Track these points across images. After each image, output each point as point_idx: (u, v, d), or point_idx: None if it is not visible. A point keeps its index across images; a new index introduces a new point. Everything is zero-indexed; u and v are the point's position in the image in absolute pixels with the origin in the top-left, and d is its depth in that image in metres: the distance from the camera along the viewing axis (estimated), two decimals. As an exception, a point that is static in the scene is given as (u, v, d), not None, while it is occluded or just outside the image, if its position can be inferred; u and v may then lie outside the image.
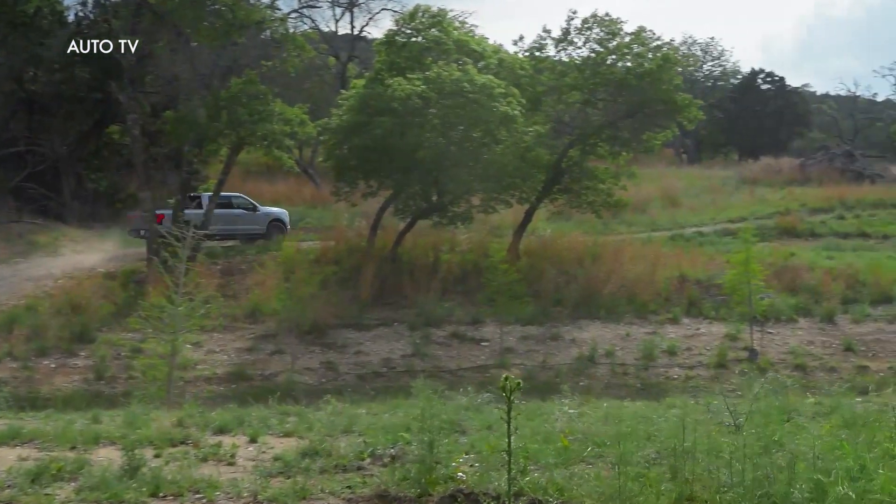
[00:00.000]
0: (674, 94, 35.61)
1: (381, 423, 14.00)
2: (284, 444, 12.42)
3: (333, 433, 12.80)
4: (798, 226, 44.90)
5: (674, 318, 32.02)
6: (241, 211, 40.39)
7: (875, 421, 11.92)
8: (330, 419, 14.20)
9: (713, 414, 12.31)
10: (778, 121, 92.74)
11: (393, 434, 11.97)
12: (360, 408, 17.13)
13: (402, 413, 14.86)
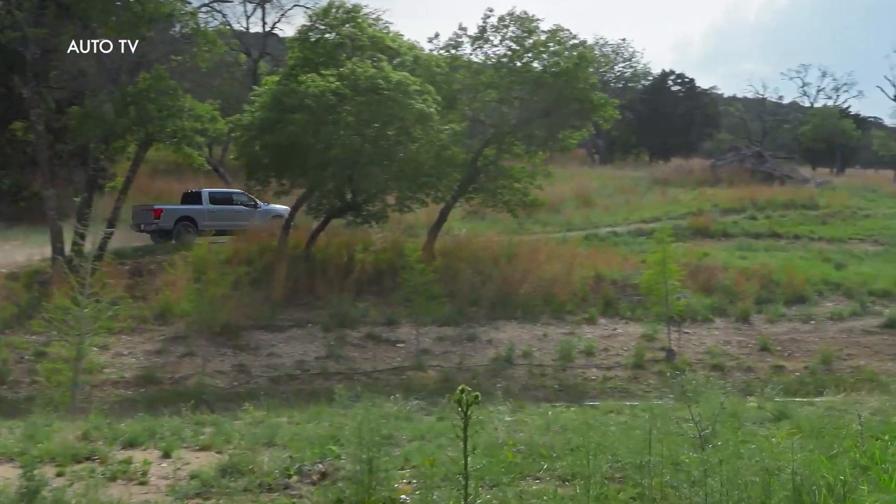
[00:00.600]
0: (590, 92, 35.50)
1: (305, 433, 13.23)
2: (201, 459, 11.70)
3: (255, 446, 12.01)
4: (711, 226, 45.19)
5: (590, 318, 31.85)
6: (242, 207, 39.77)
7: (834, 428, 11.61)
8: (249, 430, 13.42)
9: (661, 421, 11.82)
10: (688, 122, 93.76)
11: (320, 447, 11.24)
12: (280, 415, 16.33)
13: (326, 423, 14.12)
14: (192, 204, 39.17)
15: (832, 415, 14.05)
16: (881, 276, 35.92)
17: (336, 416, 13.41)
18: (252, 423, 14.09)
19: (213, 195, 39.60)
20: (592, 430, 12.37)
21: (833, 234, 44.97)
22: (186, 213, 38.36)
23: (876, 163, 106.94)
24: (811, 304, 33.45)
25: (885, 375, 27.86)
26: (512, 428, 13.73)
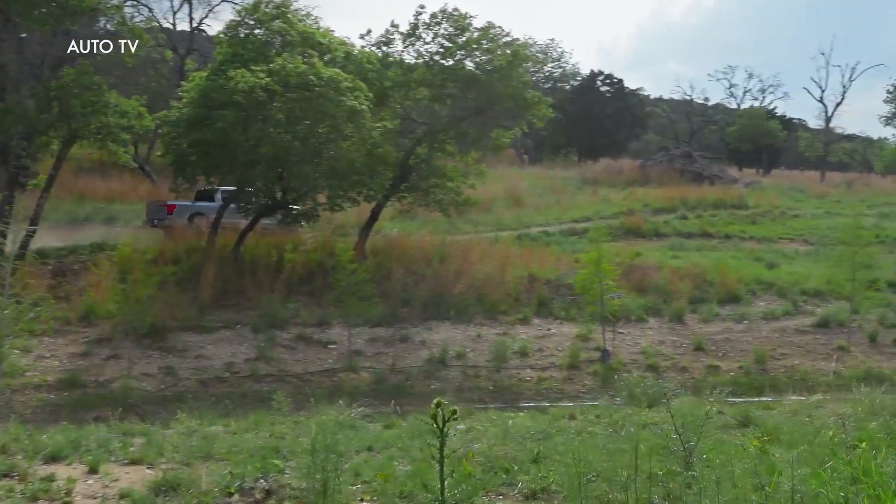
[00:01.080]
0: (523, 90, 35.18)
1: (244, 444, 12.40)
2: (131, 475, 10.91)
3: (190, 460, 11.16)
4: (642, 225, 45.18)
5: (524, 318, 31.56)
6: None
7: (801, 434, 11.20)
8: (183, 441, 12.48)
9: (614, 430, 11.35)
10: (616, 122, 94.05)
11: (262, 460, 10.45)
12: (215, 424, 15.54)
13: (266, 432, 13.36)
14: (206, 201, 38.60)
15: (798, 420, 13.71)
16: (812, 276, 36.07)
17: (276, 423, 12.81)
18: (185, 433, 13.21)
19: (225, 193, 37.50)
20: (552, 440, 11.87)
21: (763, 234, 45.20)
22: (199, 210, 38.36)
23: (800, 164, 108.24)
24: (744, 303, 33.51)
25: (821, 374, 27.99)
26: (466, 437, 13.14)
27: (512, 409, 25.75)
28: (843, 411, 14.67)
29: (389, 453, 10.10)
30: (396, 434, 10.86)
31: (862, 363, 28.95)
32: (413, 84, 35.64)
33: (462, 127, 35.84)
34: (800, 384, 27.70)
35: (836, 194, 62.29)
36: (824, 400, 16.53)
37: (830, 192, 63.86)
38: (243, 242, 33.99)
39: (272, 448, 11.03)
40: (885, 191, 64.76)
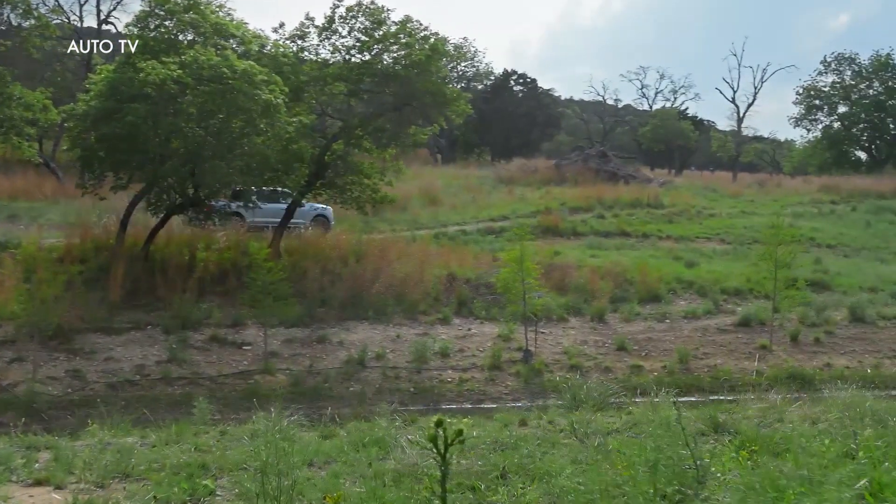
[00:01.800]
0: (442, 86, 34.58)
1: (166, 460, 10.97)
2: (36, 499, 9.54)
3: (105, 479, 9.81)
4: (560, 224, 44.77)
5: (444, 318, 30.91)
6: (285, 206, 38.58)
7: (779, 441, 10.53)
8: (96, 456, 10.95)
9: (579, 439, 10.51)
10: (530, 122, 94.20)
11: (189, 479, 9.22)
12: (130, 434, 14.23)
13: (190, 445, 11.98)
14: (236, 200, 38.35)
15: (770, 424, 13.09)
16: (732, 275, 35.99)
17: (199, 433, 11.82)
18: (98, 447, 11.68)
19: (260, 193, 37.92)
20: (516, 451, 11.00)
21: (680, 233, 45.09)
22: (237, 211, 38.31)
23: (710, 164, 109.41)
24: (665, 302, 33.26)
25: (744, 374, 27.74)
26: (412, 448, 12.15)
27: (433, 411, 25.21)
28: (813, 414, 14.13)
29: (333, 469, 9.03)
30: (337, 446, 9.98)
31: (784, 362, 28.77)
32: (329, 79, 34.76)
33: (379, 123, 35.06)
34: (723, 384, 27.47)
35: (750, 194, 62.64)
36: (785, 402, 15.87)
37: (743, 191, 64.21)
38: (153, 241, 32.82)
39: (199, 464, 9.83)
40: (796, 191, 65.23)
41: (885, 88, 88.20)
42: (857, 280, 36.71)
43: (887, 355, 29.83)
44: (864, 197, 59.73)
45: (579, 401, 15.69)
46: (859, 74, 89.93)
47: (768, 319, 31.24)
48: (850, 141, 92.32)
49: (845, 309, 32.86)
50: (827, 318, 31.98)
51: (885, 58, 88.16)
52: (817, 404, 15.99)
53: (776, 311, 30.93)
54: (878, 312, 32.78)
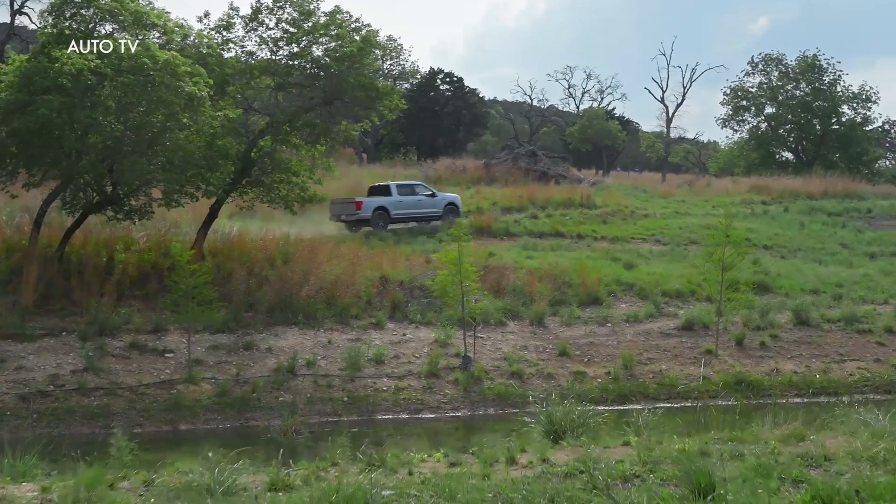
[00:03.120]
0: (374, 79, 33.21)
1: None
2: None
3: None
4: (493, 225, 43.61)
5: (378, 322, 29.49)
6: (423, 197, 46.33)
7: None
8: None
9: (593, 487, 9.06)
10: (456, 121, 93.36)
11: None
12: (26, 477, 11.91)
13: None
14: (382, 196, 45.07)
15: (819, 464, 11.76)
16: (672, 276, 35.09)
17: (115, 484, 9.91)
18: None
19: (399, 187, 46.31)
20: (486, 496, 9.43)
21: (615, 234, 44.20)
22: (381, 204, 44.15)
23: (636, 164, 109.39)
24: (606, 305, 32.20)
25: (691, 380, 26.81)
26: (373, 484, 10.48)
27: (369, 422, 23.89)
28: (858, 449, 12.85)
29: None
30: (295, 502, 8.20)
31: (731, 368, 27.84)
32: (255, 72, 33.21)
33: (308, 118, 33.54)
34: (670, 390, 26.48)
35: (680, 194, 62.20)
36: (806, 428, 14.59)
37: (674, 192, 63.77)
38: (69, 241, 30.97)
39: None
40: (726, 191, 64.94)
41: (811, 89, 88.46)
42: (797, 282, 36.00)
43: (834, 360, 29.09)
44: (795, 197, 59.59)
45: (556, 423, 14.33)
46: (786, 75, 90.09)
47: (712, 323, 30.39)
48: (776, 142, 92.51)
49: (789, 312, 32.08)
50: (771, 322, 31.15)
51: (811, 59, 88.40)
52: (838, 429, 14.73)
53: (719, 315, 30.04)
54: (823, 315, 32.06)
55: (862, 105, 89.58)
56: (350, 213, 43.42)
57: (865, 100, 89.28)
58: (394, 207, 44.31)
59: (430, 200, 46.30)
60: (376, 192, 45.86)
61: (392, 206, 44.30)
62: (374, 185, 47.31)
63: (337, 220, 44.05)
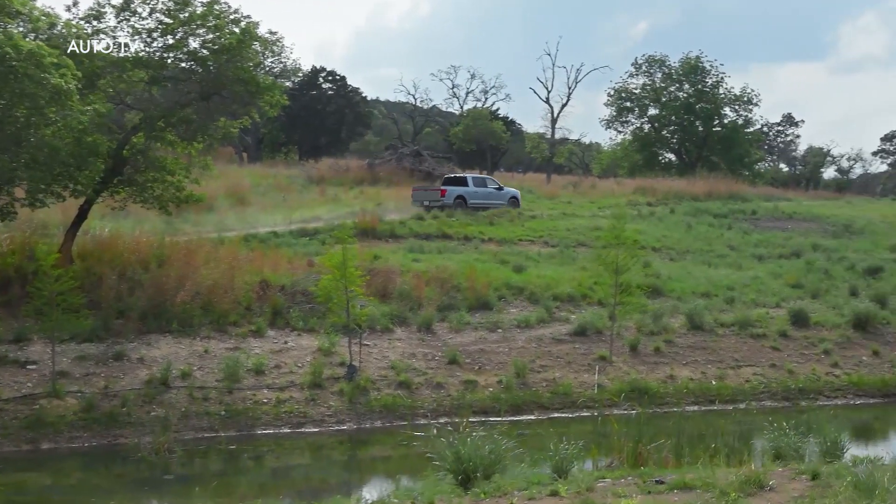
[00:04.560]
0: (255, 73, 31.58)
1: None
2: None
3: None
4: (378, 226, 42.15)
5: (258, 330, 27.88)
6: (492, 189, 53.11)
7: None
8: None
9: None
10: (339, 120, 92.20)
11: None
12: None
13: None
14: (461, 186, 51.81)
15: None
16: (562, 280, 34.23)
17: None
18: None
19: (474, 179, 53.94)
20: None
21: (503, 235, 43.21)
22: (461, 193, 50.75)
23: (519, 165, 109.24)
24: (496, 310, 31.09)
25: (585, 388, 25.92)
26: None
27: (248, 437, 22.49)
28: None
29: None
30: None
31: (626, 374, 27.14)
32: (128, 64, 31.28)
33: (185, 114, 31.71)
34: (564, 399, 25.54)
35: (566, 195, 61.91)
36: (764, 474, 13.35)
37: (560, 193, 63.43)
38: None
39: None
40: (611, 192, 64.89)
41: (694, 91, 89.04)
42: (689, 285, 35.50)
43: (730, 365, 28.60)
44: (680, 199, 59.76)
45: (465, 461, 13.02)
46: (669, 77, 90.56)
47: (606, 328, 29.62)
48: (660, 143, 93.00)
49: (683, 316, 31.51)
50: (665, 326, 30.50)
51: (694, 61, 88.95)
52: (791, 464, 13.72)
53: (611, 319, 29.25)
54: (716, 319, 31.55)
55: (743, 107, 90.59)
56: (434, 200, 49.91)
57: (747, 102, 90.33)
58: (470, 197, 50.87)
59: (498, 193, 52.83)
60: (454, 183, 52.55)
61: (469, 195, 50.89)
62: (450, 176, 55.56)
63: (420, 205, 49.98)
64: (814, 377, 28.25)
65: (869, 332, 31.71)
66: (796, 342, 30.64)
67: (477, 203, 50.33)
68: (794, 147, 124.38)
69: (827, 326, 31.83)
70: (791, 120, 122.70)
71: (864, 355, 30.15)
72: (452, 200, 49.81)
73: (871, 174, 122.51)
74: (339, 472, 22.07)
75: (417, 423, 23.53)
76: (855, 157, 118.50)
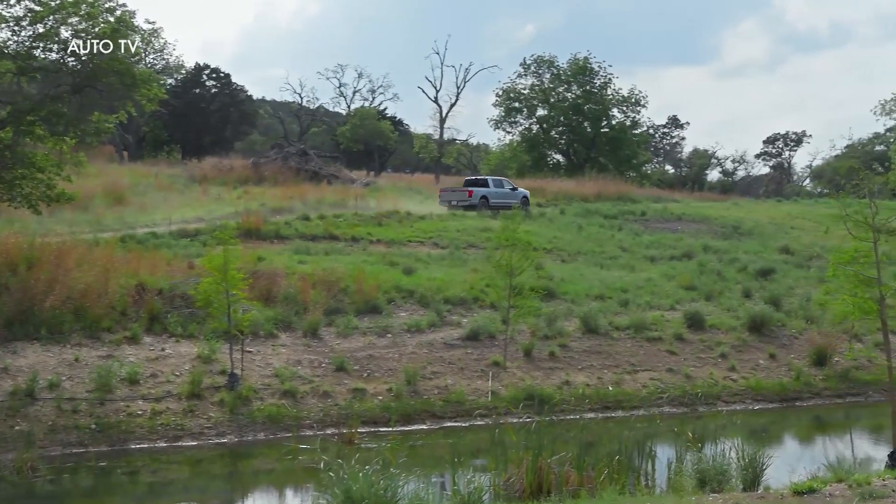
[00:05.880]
0: (132, 65, 29.98)
1: None
2: None
3: None
4: (262, 227, 40.65)
5: (133, 336, 26.17)
6: (508, 190, 57.45)
7: None
8: None
9: None
10: (223, 119, 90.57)
11: None
12: None
13: None
14: (483, 187, 56.34)
15: None
16: (453, 282, 33.18)
17: None
18: None
19: (494, 181, 58.64)
20: None
21: (392, 237, 42.10)
22: (484, 194, 55.15)
23: (407, 166, 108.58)
24: (385, 314, 29.88)
25: (479, 396, 24.92)
26: None
27: (121, 452, 20.96)
28: None
29: None
30: None
31: (521, 381, 26.10)
32: (-6, 54, 29.54)
33: (56, 107, 30.00)
34: (457, 407, 24.48)
35: (455, 196, 60.95)
36: None
37: (449, 194, 62.49)
38: None
39: None
40: (501, 193, 64.16)
41: (582, 92, 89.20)
42: (582, 287, 34.76)
43: (626, 370, 27.80)
44: (570, 200, 59.72)
45: (356, 500, 11.74)
46: (558, 77, 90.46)
47: (499, 332, 28.63)
48: (548, 144, 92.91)
49: (577, 319, 30.67)
50: (560, 330, 29.61)
51: (582, 61, 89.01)
52: None
53: (504, 323, 28.31)
54: (611, 322, 30.80)
55: (631, 108, 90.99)
56: (462, 199, 54.43)
57: (635, 103, 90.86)
58: (492, 197, 55.16)
59: (512, 193, 56.88)
60: (477, 185, 57.28)
61: (491, 195, 55.27)
62: (471, 179, 61.38)
63: (448, 205, 54.34)
64: (712, 382, 27.62)
65: (765, 335, 31.33)
66: (693, 346, 30.08)
67: (497, 202, 53.95)
68: (679, 149, 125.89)
69: (723, 329, 31.38)
70: (676, 122, 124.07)
71: (760, 359, 29.70)
72: (478, 200, 54.21)
73: (753, 176, 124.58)
74: (221, 486, 20.70)
75: (303, 435, 22.27)
76: (739, 160, 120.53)
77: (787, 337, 31.64)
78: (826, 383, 28.62)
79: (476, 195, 54.53)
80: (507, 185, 58.87)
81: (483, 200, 54.24)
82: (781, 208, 66.12)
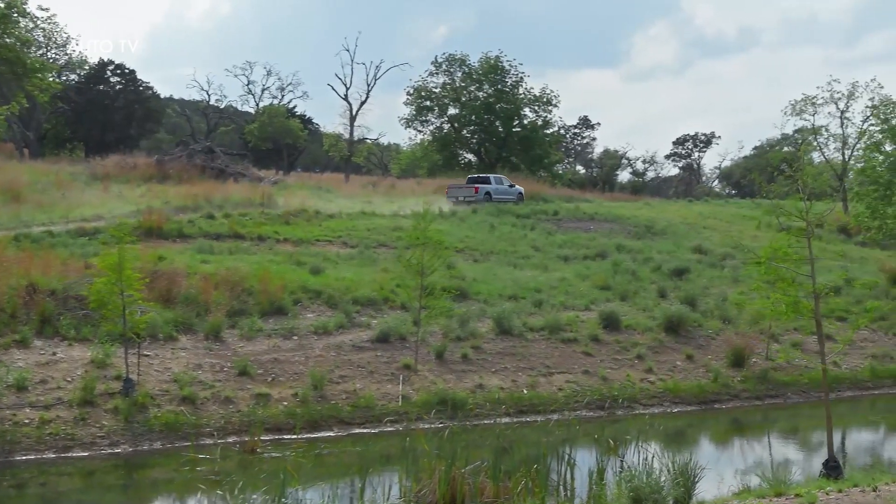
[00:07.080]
0: (22, 52, 28.53)
1: None
2: None
3: None
4: (164, 225, 39.12)
5: (23, 339, 24.64)
6: (507, 186, 62.67)
7: None
8: None
9: None
10: (128, 116, 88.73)
11: None
12: None
13: None
14: (487, 184, 61.66)
15: None
16: (362, 282, 32.12)
17: None
18: None
19: (495, 178, 64.14)
20: None
21: (299, 236, 40.84)
22: (488, 190, 60.38)
23: (317, 165, 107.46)
24: (291, 315, 28.71)
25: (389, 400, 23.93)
26: None
27: (5, 464, 19.60)
28: None
29: None
30: None
31: (433, 385, 25.16)
32: None
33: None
34: (366, 413, 23.45)
35: (365, 195, 60.23)
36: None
37: (359, 192, 61.85)
38: None
39: None
40: (412, 192, 63.89)
41: (494, 91, 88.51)
42: (495, 287, 33.97)
43: (541, 372, 27.03)
44: (479, 199, 58.98)
45: None
46: (469, 76, 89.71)
47: (410, 334, 27.67)
48: (460, 143, 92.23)
49: (490, 320, 29.83)
50: (473, 332, 28.76)
51: (494, 60, 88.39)
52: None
53: (417, 325, 27.35)
54: (525, 323, 30.00)
55: (543, 108, 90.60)
56: (469, 195, 58.93)
57: (546, 103, 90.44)
58: (495, 193, 60.35)
59: (510, 189, 62.45)
60: (480, 182, 62.36)
61: (493, 191, 60.45)
62: (474, 176, 66.11)
63: (455, 201, 58.43)
64: (629, 384, 26.97)
65: (681, 336, 30.83)
66: (609, 347, 29.42)
67: (498, 198, 59.47)
68: (590, 150, 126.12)
69: (639, 330, 30.84)
70: (587, 123, 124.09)
71: (677, 360, 29.16)
72: (483, 196, 59.06)
73: (663, 177, 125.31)
74: (115, 498, 19.44)
75: (203, 444, 21.10)
76: (649, 161, 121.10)
77: (704, 338, 31.19)
78: (744, 385, 28.22)
79: (482, 191, 59.61)
80: (506, 182, 64.16)
81: (487, 196, 59.32)
82: (693, 208, 66.25)
